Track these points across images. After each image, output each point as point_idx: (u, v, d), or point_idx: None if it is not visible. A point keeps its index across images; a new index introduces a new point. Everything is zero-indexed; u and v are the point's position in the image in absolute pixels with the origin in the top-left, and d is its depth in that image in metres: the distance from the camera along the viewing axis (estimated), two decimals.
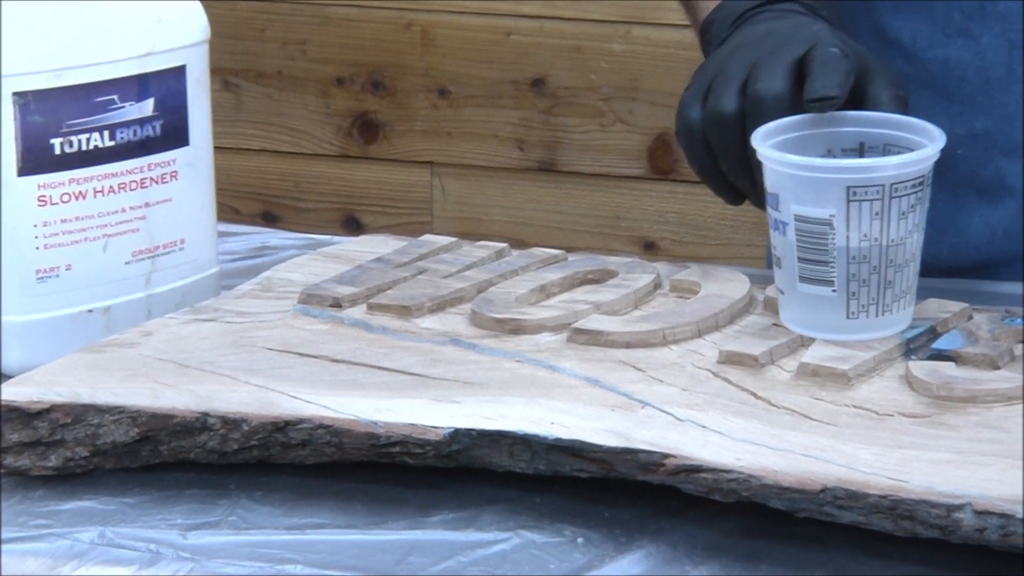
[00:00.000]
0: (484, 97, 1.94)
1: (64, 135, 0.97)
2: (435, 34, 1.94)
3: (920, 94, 1.09)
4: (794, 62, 0.93)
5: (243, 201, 2.01)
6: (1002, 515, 0.76)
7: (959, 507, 0.77)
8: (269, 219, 2.01)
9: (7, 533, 0.83)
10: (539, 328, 0.92)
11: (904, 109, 0.93)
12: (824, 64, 0.92)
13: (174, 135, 1.00)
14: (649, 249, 1.93)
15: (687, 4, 1.12)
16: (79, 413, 0.87)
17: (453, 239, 1.03)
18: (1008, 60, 1.09)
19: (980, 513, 0.77)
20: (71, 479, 0.87)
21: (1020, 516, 0.76)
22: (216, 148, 1.04)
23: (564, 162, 1.94)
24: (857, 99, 0.94)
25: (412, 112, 1.96)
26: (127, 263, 1.00)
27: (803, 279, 0.89)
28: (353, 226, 2.00)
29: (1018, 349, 0.89)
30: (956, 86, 1.07)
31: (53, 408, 0.86)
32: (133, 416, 0.86)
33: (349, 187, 2.00)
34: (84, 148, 0.97)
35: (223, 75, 1.96)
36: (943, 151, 0.89)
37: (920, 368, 0.86)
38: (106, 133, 0.98)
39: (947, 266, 1.11)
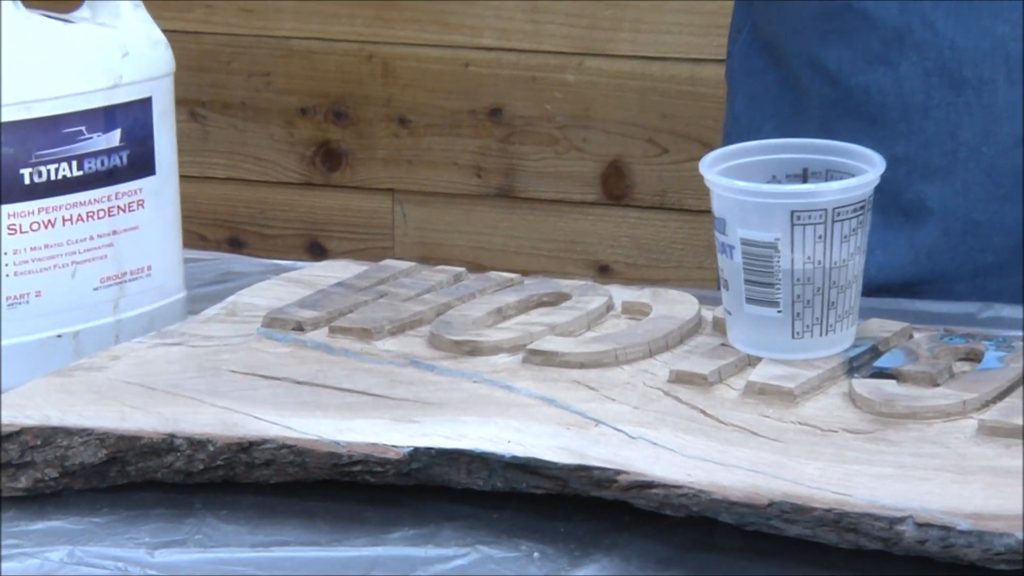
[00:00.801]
0: (443, 126, 1.95)
1: (33, 165, 0.97)
2: (395, 66, 1.94)
3: (846, 120, 1.10)
4: None
5: (210, 228, 2.01)
6: (943, 527, 0.76)
7: (901, 520, 0.77)
8: (236, 245, 2.00)
9: None
10: (496, 349, 0.92)
11: None
12: None
13: (140, 165, 1.00)
14: (603, 272, 1.93)
15: None
16: (48, 435, 0.86)
17: (413, 264, 1.03)
18: (925, 87, 1.10)
19: (921, 525, 0.77)
20: (41, 499, 0.87)
21: (960, 528, 0.76)
22: (183, 177, 1.03)
23: (521, 188, 1.95)
24: None
25: (374, 141, 1.96)
26: (95, 289, 1.00)
27: (750, 300, 0.89)
28: (317, 252, 2.00)
29: (957, 367, 0.89)
30: (878, 112, 1.08)
31: (23, 431, 0.86)
32: (101, 438, 0.86)
33: (313, 214, 2.00)
34: (53, 178, 0.97)
35: (190, 106, 1.96)
36: None
37: (863, 386, 0.87)
38: (74, 163, 0.98)
39: (875, 285, 1.11)
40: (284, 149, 1.99)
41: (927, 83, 1.09)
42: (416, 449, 0.84)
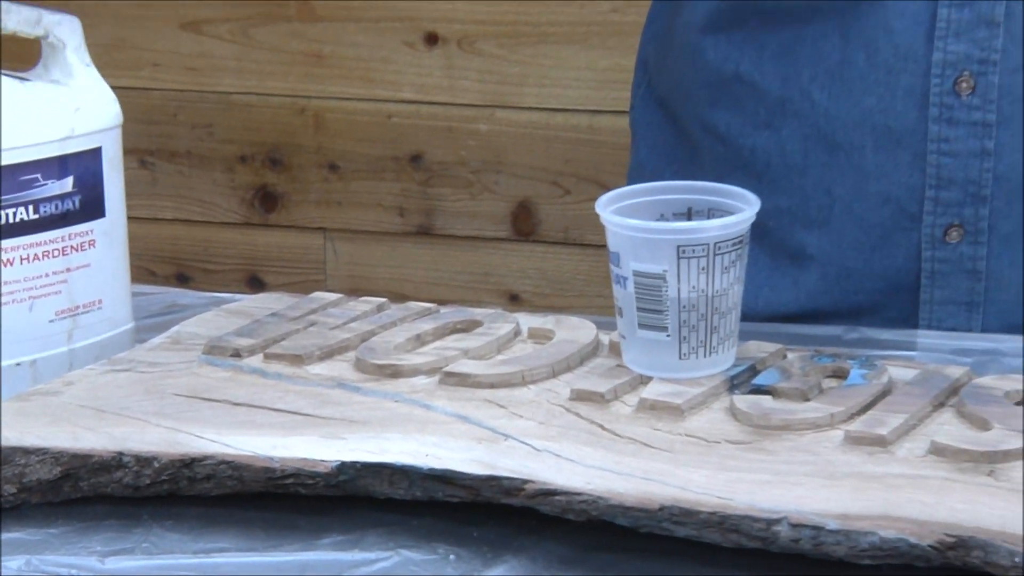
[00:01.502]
0: (369, 171, 1.94)
1: None
2: (325, 117, 1.93)
3: (736, 173, 1.11)
4: None
5: (159, 264, 1.99)
6: (814, 527, 0.77)
7: (777, 521, 0.77)
8: (182, 280, 1.99)
9: None
10: (415, 372, 0.92)
11: None
12: None
13: (91, 208, 0.99)
14: (514, 301, 1.93)
15: None
16: (8, 455, 0.85)
17: (340, 295, 1.03)
18: (804, 150, 1.11)
19: (795, 526, 0.77)
20: (1, 513, 0.85)
21: (830, 528, 0.76)
22: (134, 218, 1.03)
23: (439, 227, 1.94)
24: None
25: (306, 185, 1.95)
26: (51, 321, 0.98)
27: (642, 326, 0.89)
28: (257, 285, 1.99)
29: (825, 383, 0.89)
30: (763, 169, 1.09)
31: None
32: (56, 456, 0.85)
33: (252, 251, 1.99)
34: (11, 221, 0.96)
35: (140, 155, 1.94)
36: (759, 220, 0.89)
37: (743, 401, 0.87)
38: (31, 207, 0.97)
39: (763, 318, 1.12)
40: (226, 193, 1.98)
41: (805, 146, 1.10)
42: (343, 463, 0.83)
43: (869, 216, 1.10)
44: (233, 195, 1.97)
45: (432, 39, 1.89)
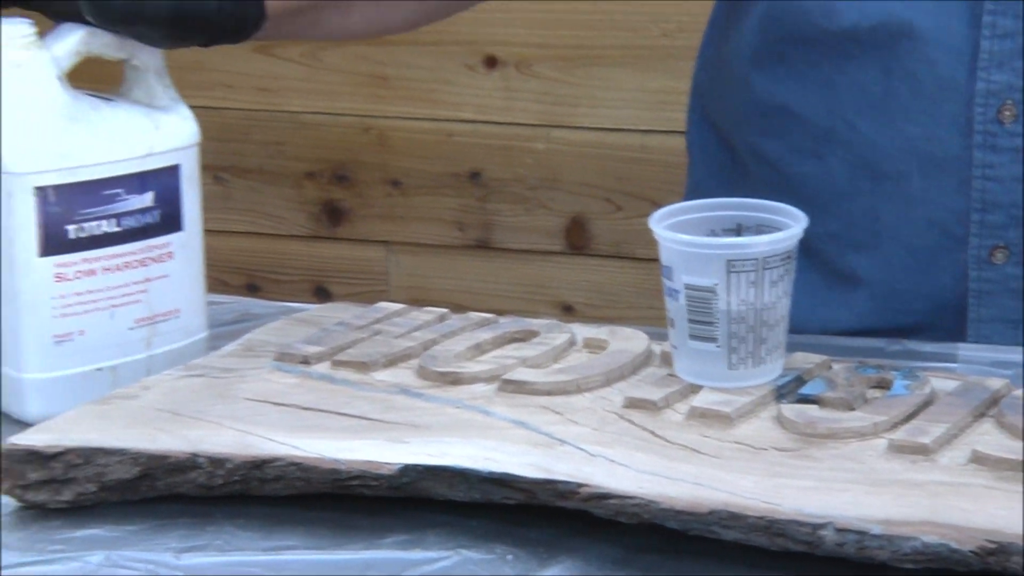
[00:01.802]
0: (430, 187, 1.94)
1: (77, 222, 0.96)
2: (389, 136, 1.94)
3: (785, 198, 1.09)
4: None
5: (230, 275, 2.00)
6: (858, 532, 0.76)
7: (823, 526, 0.77)
8: (252, 290, 1.99)
9: (28, 557, 0.82)
10: (474, 379, 0.92)
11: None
12: None
13: (170, 222, 1.00)
14: (567, 312, 1.93)
15: None
16: (89, 455, 0.85)
17: (403, 306, 1.03)
18: (850, 177, 1.10)
19: (840, 530, 0.76)
20: (82, 511, 0.86)
21: (873, 533, 0.76)
22: (207, 231, 1.03)
23: (496, 240, 1.94)
24: None
25: (370, 200, 1.96)
26: (131, 329, 0.99)
27: (692, 337, 0.89)
28: (323, 295, 1.99)
29: (869, 394, 0.88)
30: (811, 195, 1.08)
31: (67, 451, 0.85)
32: (134, 457, 0.85)
33: (319, 262, 1.99)
34: (94, 233, 0.97)
35: (214, 171, 1.95)
36: (810, 243, 0.89)
37: (789, 410, 0.86)
38: (113, 221, 0.97)
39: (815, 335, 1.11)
40: (294, 207, 1.98)
41: (852, 174, 1.09)
42: (406, 466, 0.83)
43: (916, 239, 1.09)
44: (301, 209, 1.98)
45: (491, 62, 1.89)
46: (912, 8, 1.04)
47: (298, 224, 1.99)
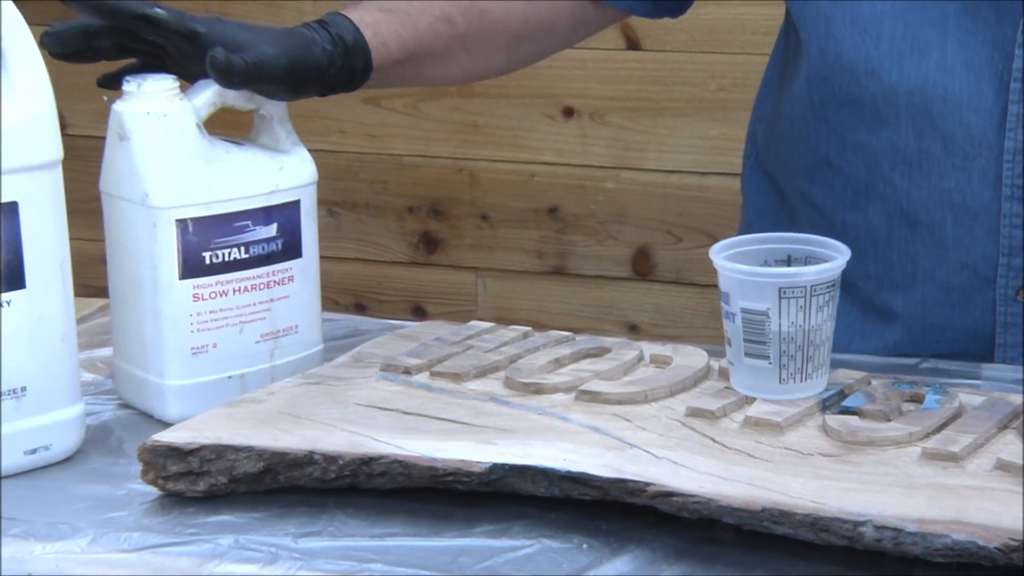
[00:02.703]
0: (514, 221, 1.94)
1: (212, 250, 0.97)
2: (479, 176, 1.94)
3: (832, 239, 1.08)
4: None
5: (341, 295, 2.01)
6: (895, 529, 0.75)
7: (863, 523, 0.75)
8: (360, 308, 2.00)
9: (168, 539, 0.82)
10: (555, 390, 0.91)
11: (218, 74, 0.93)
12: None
13: (291, 250, 1.00)
14: (632, 330, 1.92)
15: None
16: (221, 451, 0.86)
17: (492, 324, 1.02)
18: (888, 226, 1.08)
19: (879, 527, 0.75)
20: (214, 499, 0.86)
21: (908, 530, 0.74)
22: (321, 258, 1.03)
23: (571, 268, 1.94)
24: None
25: (462, 232, 1.96)
26: (257, 342, 0.99)
27: (747, 355, 0.88)
28: (420, 314, 2.00)
29: (904, 407, 0.87)
30: (853, 240, 1.06)
31: (202, 448, 0.86)
32: (259, 454, 0.86)
33: (417, 285, 2.00)
34: (226, 259, 0.97)
35: (328, 205, 1.97)
36: (850, 281, 0.88)
37: (833, 420, 0.85)
38: (242, 248, 0.98)
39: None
40: (396, 237, 1.99)
41: (889, 224, 1.08)
42: (494, 464, 0.83)
43: (949, 280, 1.07)
44: (402, 239, 1.99)
45: (569, 112, 1.89)
46: (947, 74, 1.03)
47: (399, 252, 1.99)
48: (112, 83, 0.98)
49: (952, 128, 1.03)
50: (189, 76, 0.98)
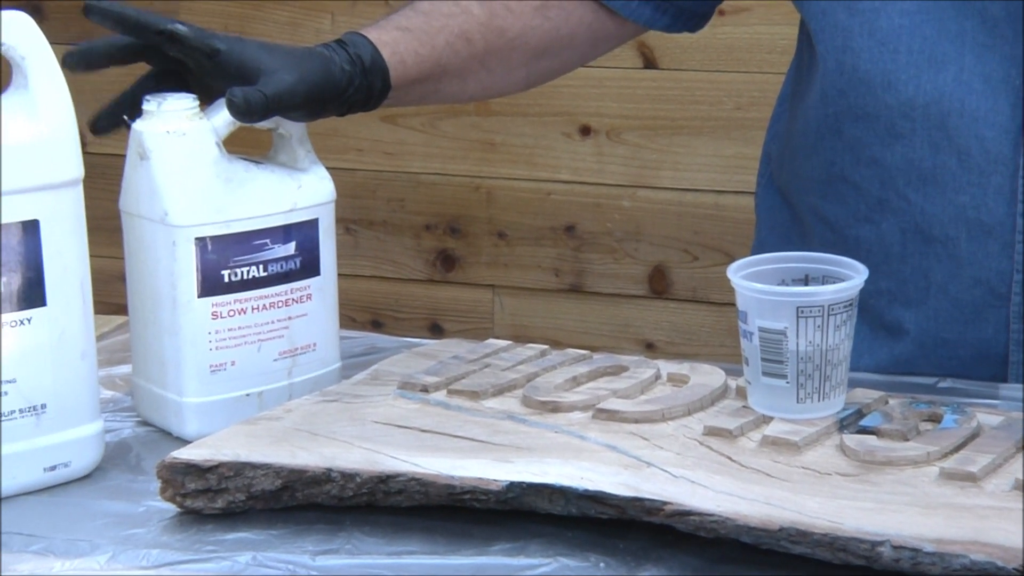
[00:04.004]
0: (531, 239, 1.94)
1: (231, 268, 0.97)
2: (496, 194, 1.95)
3: (844, 256, 1.08)
4: None
5: (358, 313, 2.01)
6: (913, 549, 0.74)
7: (881, 543, 0.75)
8: (376, 325, 2.01)
9: (187, 556, 0.82)
10: (572, 408, 0.91)
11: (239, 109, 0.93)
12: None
13: (309, 268, 1.00)
14: (649, 348, 1.92)
15: None
16: (239, 469, 0.86)
17: (509, 342, 1.02)
18: (902, 241, 1.08)
19: (896, 548, 0.75)
20: (232, 516, 0.86)
21: (926, 551, 0.74)
22: (339, 275, 1.03)
23: (588, 285, 1.94)
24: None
25: (479, 249, 1.96)
26: (275, 360, 0.99)
27: (765, 374, 0.88)
28: (437, 331, 2.00)
29: (922, 426, 0.87)
30: (865, 256, 1.06)
31: (220, 465, 0.86)
32: (277, 471, 0.86)
33: (434, 303, 2.00)
34: (245, 277, 0.97)
35: (345, 223, 1.97)
36: (861, 298, 0.88)
37: (851, 440, 0.85)
38: (261, 266, 0.98)
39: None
40: (413, 255, 1.99)
41: (903, 238, 1.07)
42: (511, 483, 0.82)
43: (962, 296, 1.07)
44: (419, 257, 1.99)
45: (585, 130, 1.89)
46: (964, 88, 1.03)
47: (416, 269, 2.00)
48: (118, 114, 0.97)
49: (968, 143, 1.03)
50: (208, 94, 0.98)
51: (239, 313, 0.97)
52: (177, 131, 0.95)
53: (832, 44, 1.06)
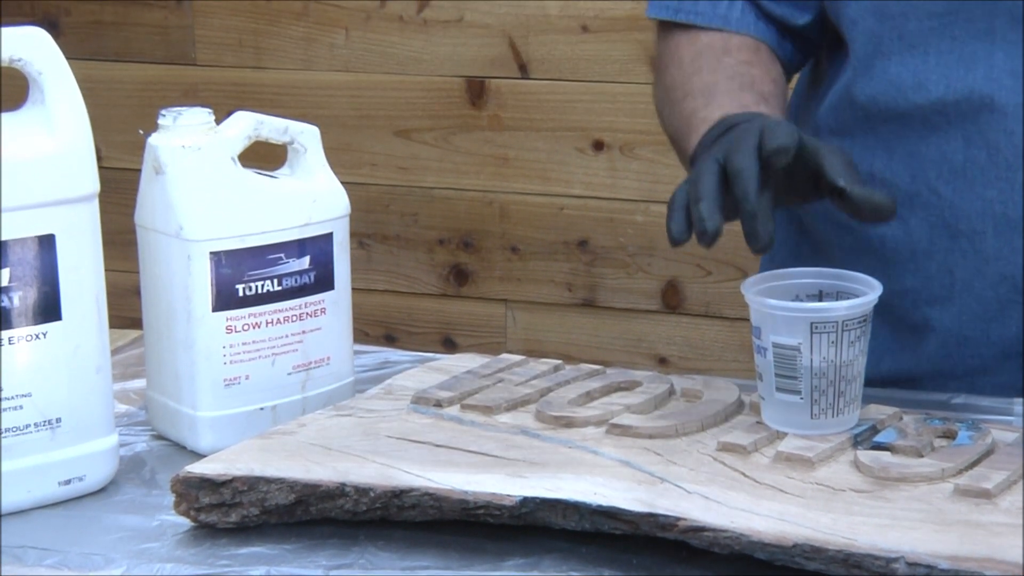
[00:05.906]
0: (544, 253, 1.95)
1: (245, 282, 0.97)
2: (509, 209, 1.95)
3: (863, 259, 1.08)
4: (757, 142, 0.88)
5: (371, 327, 2.01)
6: (928, 566, 0.74)
7: (895, 560, 0.75)
8: (390, 340, 2.01)
9: (200, 570, 0.82)
10: (585, 423, 0.91)
11: (854, 170, 0.89)
12: (773, 129, 0.88)
13: (323, 282, 1.00)
14: (662, 363, 1.91)
15: (678, 147, 1.10)
16: (253, 483, 0.86)
17: (523, 357, 1.02)
18: (930, 236, 1.08)
19: (911, 564, 0.74)
20: (246, 531, 0.86)
21: (941, 567, 0.74)
22: (353, 289, 1.03)
23: (601, 300, 1.94)
24: (815, 172, 0.89)
25: (492, 264, 1.97)
26: (289, 374, 1.00)
27: (779, 389, 0.88)
28: (450, 345, 2.00)
29: (937, 443, 0.86)
30: (891, 255, 1.06)
31: (234, 479, 0.86)
32: (291, 485, 0.86)
33: (447, 317, 2.00)
34: (259, 292, 0.97)
35: (359, 237, 1.97)
36: (884, 297, 0.87)
37: (865, 456, 0.84)
38: (275, 280, 0.98)
39: (883, 381, 1.09)
40: (426, 269, 2.00)
41: (931, 234, 1.07)
42: (525, 498, 0.82)
43: (987, 292, 1.06)
44: (432, 271, 1.99)
45: (599, 145, 1.89)
46: (993, 83, 1.03)
47: (430, 284, 2.00)
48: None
49: (998, 137, 1.03)
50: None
51: (253, 327, 0.97)
52: (192, 145, 0.96)
53: (864, 51, 1.07)
